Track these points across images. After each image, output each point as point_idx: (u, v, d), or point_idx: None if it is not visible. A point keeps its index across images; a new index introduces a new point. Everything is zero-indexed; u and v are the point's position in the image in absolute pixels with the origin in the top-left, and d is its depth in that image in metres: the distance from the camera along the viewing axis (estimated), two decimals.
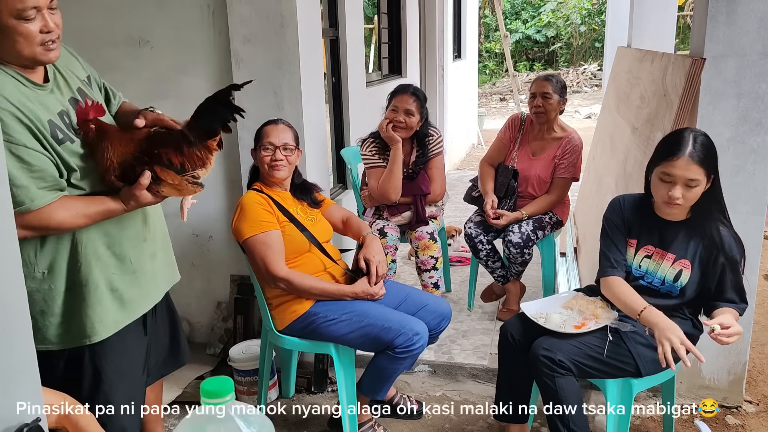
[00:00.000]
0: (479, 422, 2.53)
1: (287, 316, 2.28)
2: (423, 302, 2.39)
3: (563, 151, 3.08)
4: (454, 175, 6.67)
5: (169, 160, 1.61)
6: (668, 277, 2.01)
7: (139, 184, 1.57)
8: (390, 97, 3.08)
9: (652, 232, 2.03)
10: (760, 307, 3.37)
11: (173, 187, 1.63)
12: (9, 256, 0.97)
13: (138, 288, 1.73)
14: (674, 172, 1.86)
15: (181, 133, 1.63)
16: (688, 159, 1.84)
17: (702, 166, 1.84)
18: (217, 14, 2.68)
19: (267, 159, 2.28)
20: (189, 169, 1.62)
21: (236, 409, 0.96)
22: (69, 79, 1.65)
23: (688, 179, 1.85)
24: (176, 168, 1.61)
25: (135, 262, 1.72)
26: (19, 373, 1.00)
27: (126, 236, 1.70)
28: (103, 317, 1.64)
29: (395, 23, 5.36)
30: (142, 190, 1.58)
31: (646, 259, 2.04)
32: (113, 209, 1.59)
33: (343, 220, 2.52)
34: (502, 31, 10.87)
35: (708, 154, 1.86)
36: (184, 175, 1.62)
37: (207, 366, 2.91)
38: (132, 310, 1.72)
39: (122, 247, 1.69)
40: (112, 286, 1.67)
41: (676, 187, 1.86)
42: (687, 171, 1.84)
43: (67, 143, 1.55)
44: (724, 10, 2.22)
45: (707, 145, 1.87)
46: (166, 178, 1.60)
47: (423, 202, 3.07)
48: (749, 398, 2.63)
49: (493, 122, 11.50)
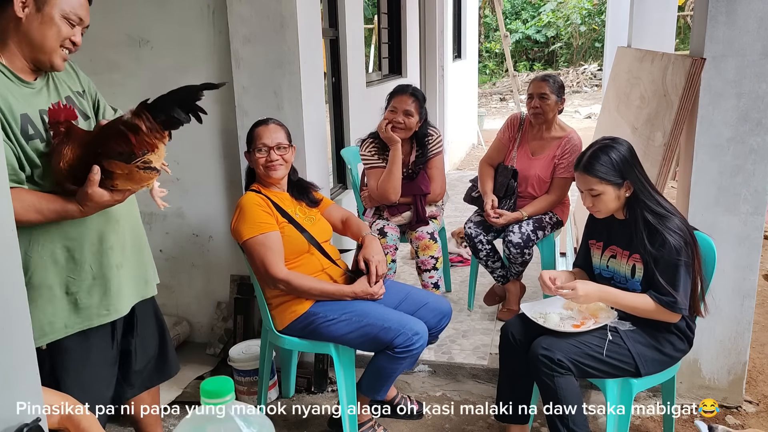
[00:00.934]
0: (479, 422, 2.53)
1: (287, 316, 2.28)
2: (423, 300, 2.39)
3: (563, 151, 3.08)
4: (454, 176, 6.67)
5: (118, 151, 1.52)
6: (627, 274, 2.06)
7: (89, 180, 1.50)
8: (389, 97, 3.08)
9: (612, 232, 2.12)
10: (760, 307, 3.37)
11: (125, 178, 1.54)
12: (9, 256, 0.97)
13: (97, 296, 1.69)
14: (576, 184, 2.10)
15: (122, 122, 1.54)
16: (581, 172, 2.03)
17: (595, 177, 1.98)
18: (217, 14, 2.68)
19: (262, 161, 2.27)
20: (139, 155, 1.52)
21: (236, 409, 0.96)
22: (59, 87, 1.68)
23: (587, 189, 2.03)
24: (125, 157, 1.51)
25: (96, 269, 1.69)
26: (19, 373, 1.00)
27: (88, 241, 1.66)
28: (53, 319, 1.62)
29: (395, 23, 5.36)
30: (94, 187, 1.50)
31: (612, 260, 2.11)
32: (69, 210, 1.54)
33: (343, 221, 2.52)
34: (502, 31, 10.87)
35: (605, 165, 1.97)
36: (133, 162, 1.52)
37: (207, 366, 2.91)
38: (88, 317, 1.69)
39: (82, 252, 1.65)
40: (67, 289, 1.64)
41: (584, 197, 2.06)
42: (583, 183, 2.04)
43: (36, 141, 1.55)
44: (724, 10, 2.22)
45: (605, 157, 1.98)
46: (115, 169, 1.52)
47: (423, 202, 3.07)
48: (749, 398, 2.63)
49: (493, 122, 11.50)
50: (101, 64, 2.77)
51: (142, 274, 1.86)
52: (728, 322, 2.49)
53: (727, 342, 2.52)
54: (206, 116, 2.86)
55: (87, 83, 1.80)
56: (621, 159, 1.99)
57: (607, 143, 2.03)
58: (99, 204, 1.54)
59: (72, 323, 1.67)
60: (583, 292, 1.97)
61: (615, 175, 1.98)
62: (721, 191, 2.37)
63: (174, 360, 2.02)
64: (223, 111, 2.78)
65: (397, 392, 2.59)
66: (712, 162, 2.36)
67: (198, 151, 2.86)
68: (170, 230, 2.98)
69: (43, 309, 1.61)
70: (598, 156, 2.00)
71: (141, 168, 1.52)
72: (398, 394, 2.59)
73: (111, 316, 1.74)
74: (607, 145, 2.02)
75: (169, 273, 2.97)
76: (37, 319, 1.60)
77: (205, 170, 2.88)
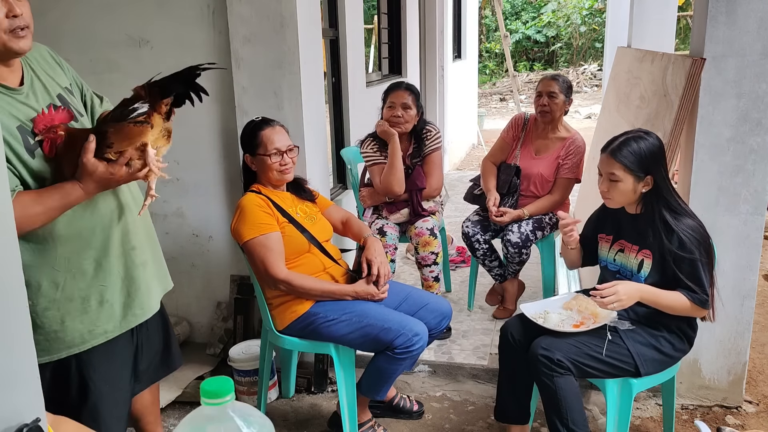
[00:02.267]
0: (479, 422, 2.53)
1: (287, 316, 2.28)
2: (424, 301, 2.39)
3: (567, 152, 3.09)
4: (454, 175, 6.67)
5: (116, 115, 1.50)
6: (633, 268, 2.06)
7: (85, 149, 1.45)
8: (384, 95, 3.08)
9: (622, 227, 2.12)
10: (760, 307, 3.37)
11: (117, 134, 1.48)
12: (9, 257, 0.97)
13: (129, 298, 1.71)
14: (599, 166, 2.06)
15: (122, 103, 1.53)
16: (608, 155, 2.01)
17: (620, 162, 1.97)
18: (217, 14, 2.68)
19: (276, 165, 2.26)
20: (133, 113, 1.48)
21: (236, 409, 0.96)
22: (48, 85, 1.62)
23: (608, 173, 2.01)
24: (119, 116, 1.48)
25: (123, 272, 1.69)
26: (19, 373, 1.00)
27: (112, 246, 1.66)
28: (92, 328, 1.63)
29: (395, 23, 5.36)
30: (88, 155, 1.45)
31: (620, 254, 2.11)
32: (68, 190, 1.48)
33: (343, 221, 2.52)
34: (502, 32, 10.87)
35: (633, 154, 1.97)
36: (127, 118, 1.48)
37: (207, 366, 2.90)
38: (125, 320, 1.70)
39: (108, 259, 1.65)
40: (101, 297, 1.65)
41: (602, 181, 2.05)
42: (606, 166, 2.01)
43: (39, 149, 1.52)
44: (724, 10, 2.22)
45: (635, 146, 1.98)
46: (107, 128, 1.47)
47: (419, 196, 3.08)
48: (749, 398, 2.63)
49: (493, 122, 11.51)
50: (101, 64, 2.76)
51: (162, 268, 1.89)
52: (728, 322, 2.49)
53: (727, 342, 2.52)
54: (206, 116, 2.88)
55: (72, 75, 1.75)
56: (649, 152, 1.98)
57: (640, 134, 2.02)
58: (94, 177, 1.48)
59: (111, 329, 1.68)
60: (625, 294, 1.92)
61: (639, 166, 1.97)
62: (721, 191, 2.37)
63: (177, 353, 2.02)
64: (223, 111, 2.79)
65: (397, 392, 2.59)
66: (712, 162, 2.36)
67: (198, 151, 2.86)
68: (170, 230, 2.98)
69: (81, 319, 1.61)
70: (629, 143, 1.98)
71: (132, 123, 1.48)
72: (398, 394, 2.59)
73: (145, 315, 1.76)
74: (640, 135, 2.01)
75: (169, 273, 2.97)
76: (75, 329, 1.61)
77: (205, 170, 2.88)
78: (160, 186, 1.75)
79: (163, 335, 1.95)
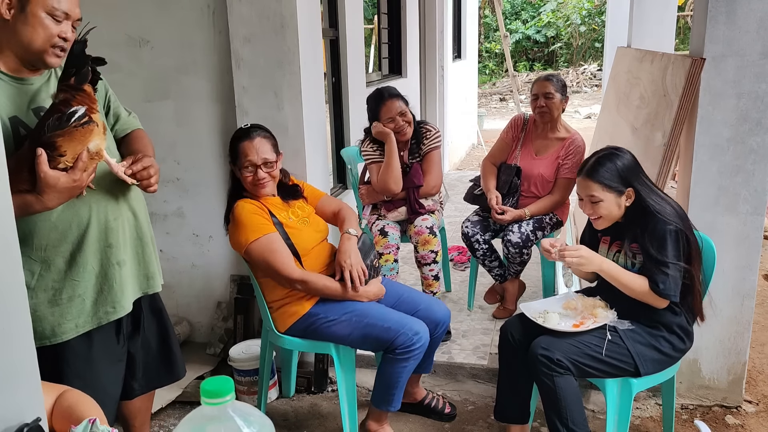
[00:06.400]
0: (479, 422, 2.53)
1: (288, 318, 2.27)
2: (415, 307, 2.34)
3: (567, 152, 3.09)
4: (454, 175, 6.67)
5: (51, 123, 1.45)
6: (628, 264, 2.06)
7: (37, 164, 1.41)
8: (375, 112, 3.02)
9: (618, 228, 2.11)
10: (759, 307, 3.37)
11: (68, 142, 1.45)
12: (9, 256, 0.97)
13: (101, 295, 1.70)
14: (578, 192, 2.11)
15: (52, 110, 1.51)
16: (584, 178, 2.05)
17: (598, 182, 2.01)
18: (217, 14, 2.68)
19: (249, 179, 2.22)
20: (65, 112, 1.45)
21: (236, 409, 0.96)
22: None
23: (588, 196, 2.04)
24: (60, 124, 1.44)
25: (97, 269, 1.69)
26: (19, 372, 1.00)
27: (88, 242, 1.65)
28: (62, 321, 1.64)
29: (395, 23, 5.37)
30: (44, 168, 1.41)
31: (618, 254, 2.11)
32: (28, 201, 1.45)
33: (335, 213, 2.45)
34: (502, 31, 10.87)
35: (608, 171, 2.00)
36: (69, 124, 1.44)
37: (207, 366, 2.91)
38: (96, 316, 1.70)
39: (84, 254, 1.65)
40: (72, 291, 1.65)
41: (584, 204, 2.08)
42: (585, 189, 2.05)
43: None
44: (724, 10, 2.22)
45: (609, 164, 2.01)
46: (55, 139, 1.43)
47: (416, 194, 3.07)
48: (749, 398, 2.63)
49: (493, 122, 11.51)
50: None
51: (143, 269, 1.85)
52: (728, 322, 2.49)
53: (727, 342, 2.52)
54: (206, 116, 2.89)
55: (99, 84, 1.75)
56: (625, 167, 2.02)
57: (611, 152, 2.06)
58: (57, 188, 1.45)
59: (82, 323, 1.68)
60: (587, 253, 2.00)
61: (618, 182, 2.01)
62: (721, 191, 2.37)
63: (180, 362, 2.01)
64: (223, 111, 2.79)
65: (428, 392, 2.59)
66: (712, 162, 2.36)
67: (198, 151, 2.86)
68: (170, 230, 2.98)
69: (51, 311, 1.62)
70: (602, 162, 2.03)
71: (76, 126, 1.45)
72: (429, 393, 2.58)
73: (117, 314, 1.75)
74: (611, 153, 2.05)
75: (169, 273, 2.96)
76: (46, 320, 1.61)
77: (205, 170, 2.88)
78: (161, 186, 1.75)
79: (161, 339, 1.94)
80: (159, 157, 2.87)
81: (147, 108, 2.78)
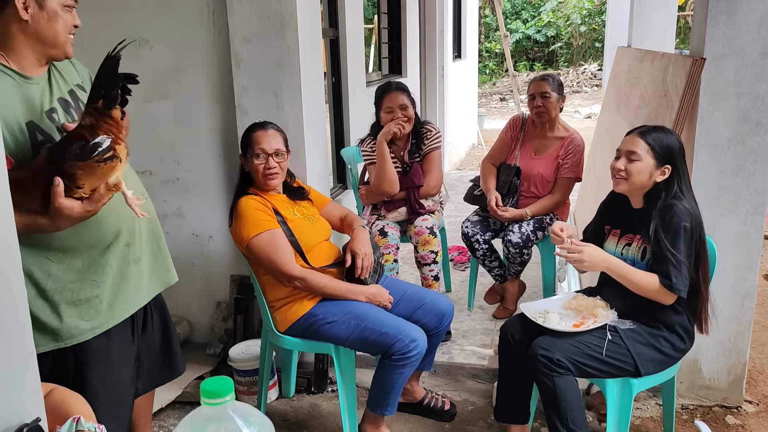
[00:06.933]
0: (479, 422, 2.53)
1: (288, 317, 2.27)
2: (421, 300, 2.37)
3: (566, 151, 3.09)
4: (454, 176, 6.67)
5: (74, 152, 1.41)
6: (637, 257, 2.05)
7: (54, 194, 1.39)
8: (378, 101, 3.05)
9: (629, 220, 2.12)
10: (760, 307, 3.37)
11: (88, 176, 1.42)
12: (9, 256, 0.97)
13: (120, 293, 1.71)
14: (621, 146, 2.09)
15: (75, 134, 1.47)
16: (635, 134, 2.05)
17: (645, 141, 2.01)
18: (217, 14, 2.68)
19: (260, 167, 2.24)
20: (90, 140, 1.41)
21: (236, 409, 0.96)
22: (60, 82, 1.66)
23: (628, 151, 2.03)
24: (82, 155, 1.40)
25: (116, 268, 1.69)
26: (19, 373, 1.00)
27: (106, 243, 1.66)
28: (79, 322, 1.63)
29: (395, 23, 5.36)
30: (60, 199, 1.40)
31: (627, 247, 2.10)
32: (40, 224, 1.45)
33: (341, 218, 2.50)
34: (502, 31, 10.86)
35: (661, 140, 2.01)
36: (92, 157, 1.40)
37: (207, 366, 2.91)
38: (113, 315, 1.70)
39: (103, 255, 1.66)
40: (92, 292, 1.65)
41: (620, 160, 2.05)
42: (630, 144, 2.04)
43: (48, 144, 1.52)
44: (724, 10, 2.22)
45: (662, 135, 2.03)
46: (75, 171, 1.40)
47: (416, 194, 3.07)
48: (749, 398, 2.63)
49: (493, 122, 11.50)
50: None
51: (160, 264, 1.87)
52: (728, 322, 2.49)
53: (727, 342, 2.52)
54: (206, 116, 2.89)
55: (85, 74, 1.78)
56: (674, 146, 2.02)
57: (668, 129, 2.09)
58: (71, 217, 1.44)
59: (99, 323, 1.68)
60: (588, 256, 1.99)
61: (662, 151, 2.01)
62: (721, 191, 2.37)
63: (180, 358, 2.01)
64: (223, 111, 2.79)
65: (427, 392, 2.59)
66: (712, 162, 2.36)
67: (198, 151, 2.86)
68: (170, 230, 2.98)
69: (69, 312, 1.62)
70: (658, 130, 2.05)
71: (100, 161, 1.40)
72: (428, 393, 2.58)
73: (133, 308, 1.75)
74: (669, 129, 2.08)
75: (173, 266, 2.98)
76: (64, 322, 1.61)
77: (205, 170, 2.88)
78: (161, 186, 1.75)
79: (163, 338, 1.95)
80: (159, 157, 2.90)
81: (147, 108, 2.78)
